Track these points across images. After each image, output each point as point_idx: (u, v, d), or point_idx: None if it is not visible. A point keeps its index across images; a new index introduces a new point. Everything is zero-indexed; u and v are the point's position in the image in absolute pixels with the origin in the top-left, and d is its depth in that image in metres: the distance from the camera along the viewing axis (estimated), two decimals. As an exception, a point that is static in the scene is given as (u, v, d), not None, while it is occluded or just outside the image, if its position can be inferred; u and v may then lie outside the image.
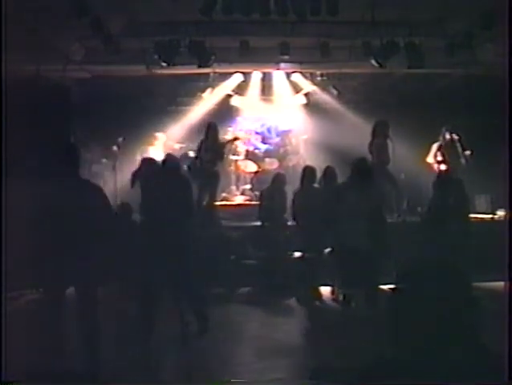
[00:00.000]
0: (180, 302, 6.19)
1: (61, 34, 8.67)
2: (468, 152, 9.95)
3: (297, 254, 8.02)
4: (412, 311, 1.91)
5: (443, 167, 10.11)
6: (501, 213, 9.29)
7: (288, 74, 11.76)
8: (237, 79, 11.68)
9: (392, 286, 2.05)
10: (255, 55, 9.75)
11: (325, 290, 7.74)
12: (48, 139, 8.16)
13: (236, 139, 10.76)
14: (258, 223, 8.57)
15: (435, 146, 10.35)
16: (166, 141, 11.01)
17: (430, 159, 10.34)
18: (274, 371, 5.11)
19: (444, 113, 10.50)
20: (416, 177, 10.00)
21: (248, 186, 11.09)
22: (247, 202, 10.52)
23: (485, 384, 1.85)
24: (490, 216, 9.56)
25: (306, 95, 12.03)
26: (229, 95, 11.93)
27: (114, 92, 10.86)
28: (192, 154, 9.90)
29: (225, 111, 11.87)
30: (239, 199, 10.79)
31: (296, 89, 12.05)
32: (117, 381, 4.72)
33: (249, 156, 11.37)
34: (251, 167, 11.21)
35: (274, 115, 12.15)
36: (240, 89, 11.90)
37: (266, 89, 12.03)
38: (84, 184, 5.05)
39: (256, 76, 11.76)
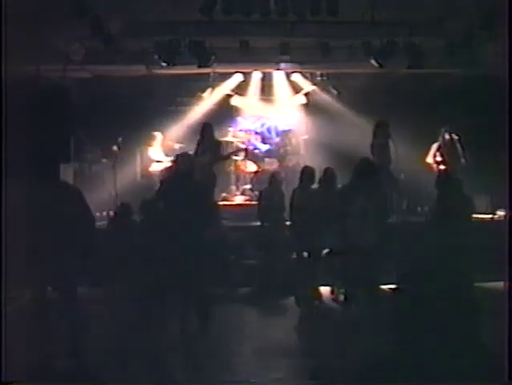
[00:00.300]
0: (181, 302, 6.19)
1: (61, 34, 8.68)
2: (467, 153, 9.97)
3: (297, 254, 8.02)
4: (412, 311, 1.92)
5: (442, 167, 10.11)
6: (501, 213, 9.29)
7: (288, 74, 11.76)
8: (237, 79, 11.68)
9: (392, 286, 2.06)
10: (255, 55, 9.76)
11: (325, 290, 7.74)
12: (48, 139, 8.17)
13: (245, 150, 10.80)
14: (258, 223, 8.57)
15: (434, 146, 10.34)
16: (166, 141, 11.00)
17: (430, 159, 10.33)
18: (274, 371, 5.11)
19: (444, 113, 10.49)
20: (416, 177, 10.00)
21: (248, 186, 11.08)
22: (247, 202, 10.52)
23: (485, 384, 1.85)
24: (490, 216, 9.56)
25: (306, 95, 12.02)
26: (229, 95, 11.92)
27: (114, 92, 10.87)
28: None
29: (225, 111, 11.85)
30: (239, 199, 10.78)
31: (296, 89, 12.04)
32: (117, 381, 4.73)
33: (249, 156, 11.36)
34: (251, 167, 11.20)
35: (274, 115, 12.13)
36: (240, 89, 11.90)
37: (266, 89, 12.02)
38: (62, 186, 5.13)
39: (256, 76, 11.76)
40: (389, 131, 9.34)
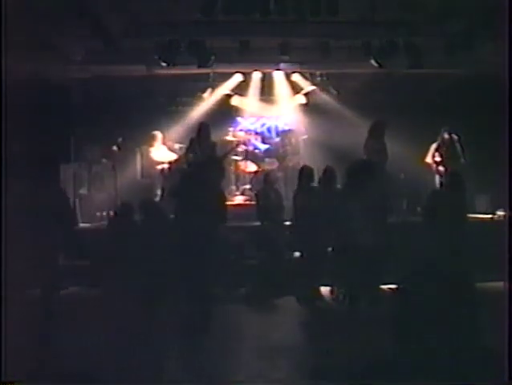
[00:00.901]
0: (181, 302, 6.20)
1: (61, 34, 8.68)
2: (467, 153, 9.97)
3: (297, 254, 8.02)
4: (412, 311, 1.92)
5: (441, 167, 10.12)
6: (501, 213, 9.30)
7: (288, 75, 11.76)
8: (237, 78, 11.68)
9: (392, 286, 2.06)
10: (255, 55, 9.75)
11: (325, 290, 7.74)
12: (48, 139, 8.18)
13: (244, 147, 10.77)
14: (258, 223, 8.57)
15: (434, 146, 10.35)
16: (166, 141, 11.00)
17: (429, 159, 10.34)
18: (274, 371, 5.11)
19: (444, 113, 10.50)
20: (416, 177, 9.99)
21: (248, 186, 11.08)
22: (247, 202, 10.52)
23: (485, 384, 1.85)
24: (490, 216, 9.56)
25: (306, 95, 12.03)
26: (229, 95, 11.92)
27: (114, 92, 10.87)
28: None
29: (225, 111, 11.85)
30: (239, 199, 10.79)
31: (296, 89, 12.05)
32: (117, 381, 4.73)
33: (249, 156, 11.36)
34: (251, 167, 11.20)
35: (274, 115, 12.14)
36: (240, 89, 11.89)
37: (266, 89, 12.01)
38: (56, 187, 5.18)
39: (256, 76, 11.76)
40: (384, 130, 9.35)
